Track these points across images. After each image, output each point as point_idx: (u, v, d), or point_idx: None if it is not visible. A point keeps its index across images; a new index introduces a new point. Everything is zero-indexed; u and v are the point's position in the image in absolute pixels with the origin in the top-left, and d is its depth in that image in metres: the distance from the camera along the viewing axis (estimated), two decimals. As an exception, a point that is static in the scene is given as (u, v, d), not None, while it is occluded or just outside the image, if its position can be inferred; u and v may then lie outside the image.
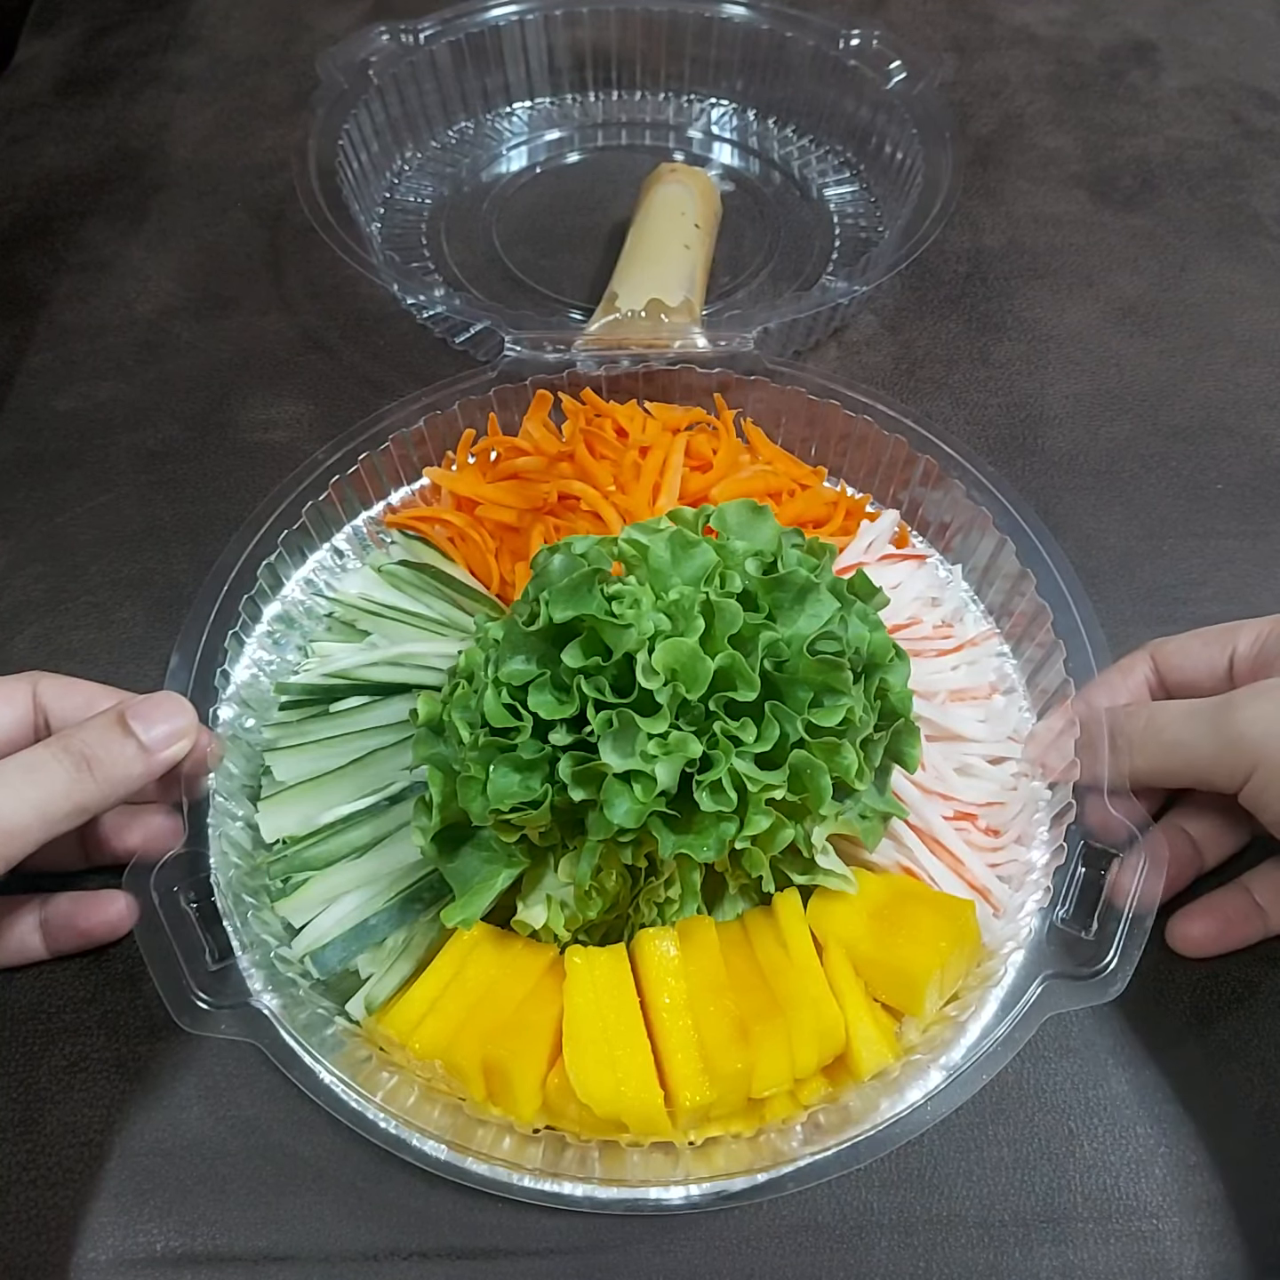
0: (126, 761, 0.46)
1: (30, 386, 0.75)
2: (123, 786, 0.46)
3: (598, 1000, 0.45)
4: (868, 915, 0.48)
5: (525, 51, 0.91)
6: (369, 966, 0.49)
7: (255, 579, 0.57)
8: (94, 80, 0.96)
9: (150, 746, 0.46)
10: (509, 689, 0.45)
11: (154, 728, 0.47)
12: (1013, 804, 0.54)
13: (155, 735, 0.47)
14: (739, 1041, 0.44)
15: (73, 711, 0.49)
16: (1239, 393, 0.76)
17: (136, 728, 0.46)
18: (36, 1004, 0.51)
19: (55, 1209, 0.47)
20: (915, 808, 0.52)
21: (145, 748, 0.46)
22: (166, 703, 0.48)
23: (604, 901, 0.47)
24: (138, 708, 0.47)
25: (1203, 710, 0.49)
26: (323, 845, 0.51)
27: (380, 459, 0.63)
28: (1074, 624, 0.56)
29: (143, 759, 0.46)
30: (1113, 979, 0.46)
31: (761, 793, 0.44)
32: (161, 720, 0.47)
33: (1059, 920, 0.48)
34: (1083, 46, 1.02)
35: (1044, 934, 0.48)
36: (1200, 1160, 0.49)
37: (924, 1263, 0.47)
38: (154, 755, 0.47)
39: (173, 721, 0.47)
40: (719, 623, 0.45)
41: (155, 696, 0.48)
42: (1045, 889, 0.50)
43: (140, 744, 0.46)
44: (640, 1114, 0.43)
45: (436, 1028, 0.45)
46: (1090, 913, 0.48)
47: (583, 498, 0.60)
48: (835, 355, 0.78)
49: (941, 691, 0.57)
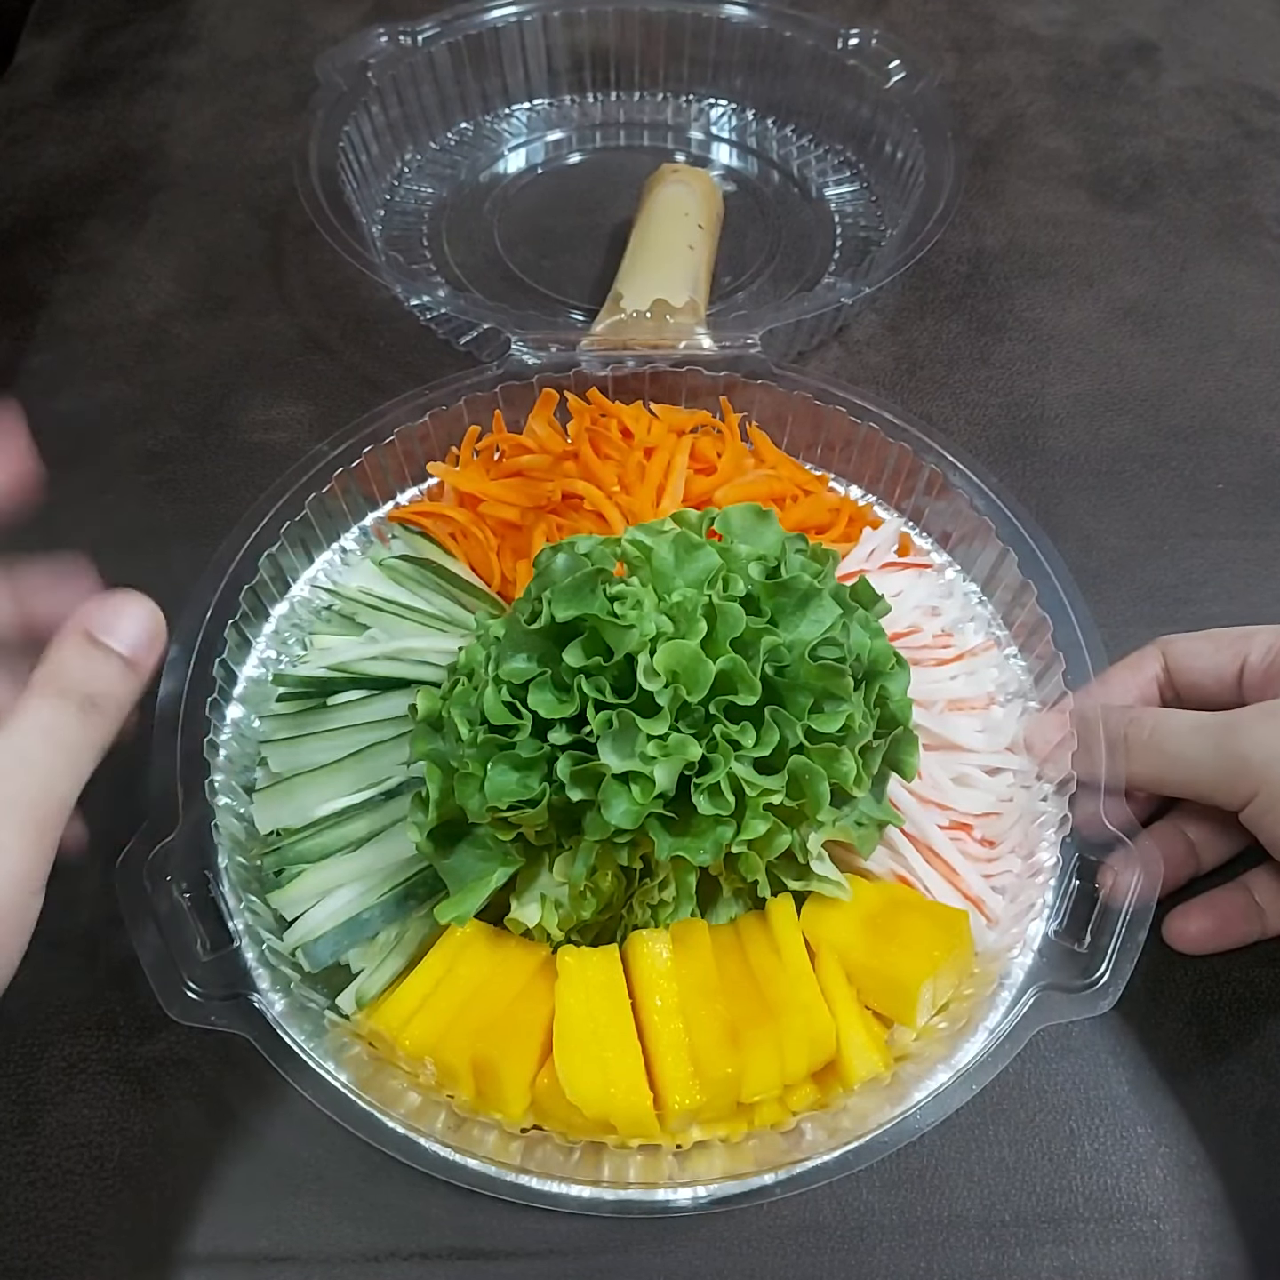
0: (119, 683, 0.43)
1: (30, 387, 0.74)
2: (124, 710, 0.43)
3: (589, 1001, 0.45)
4: (861, 923, 0.48)
5: (524, 53, 0.91)
6: (361, 961, 0.49)
7: (256, 569, 0.57)
8: (94, 81, 0.96)
9: (132, 659, 0.43)
10: (509, 687, 0.45)
11: (127, 636, 0.43)
12: (1008, 815, 0.54)
13: (132, 643, 0.43)
14: (729, 1045, 0.44)
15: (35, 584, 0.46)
16: (1239, 393, 0.76)
17: (112, 643, 0.43)
18: (36, 1004, 0.51)
19: (55, 1209, 0.47)
20: (911, 816, 0.52)
21: (129, 662, 0.43)
22: (130, 604, 0.44)
23: (598, 902, 0.47)
24: (103, 618, 0.43)
25: (1208, 727, 0.49)
26: (317, 838, 0.50)
27: (385, 456, 0.63)
28: (1074, 637, 0.55)
29: (131, 675, 0.43)
30: (1105, 992, 0.46)
31: (760, 797, 0.44)
32: (131, 625, 0.43)
33: (1052, 932, 0.48)
34: (1083, 46, 1.02)
35: (1037, 946, 0.48)
36: (1200, 1160, 0.49)
37: (925, 1263, 0.47)
38: (139, 666, 0.43)
39: (143, 623, 0.44)
40: (721, 626, 0.45)
41: (115, 599, 0.44)
42: (1039, 901, 0.50)
43: (122, 659, 0.43)
44: (629, 1116, 0.43)
45: (427, 1024, 0.45)
46: (1084, 925, 0.47)
47: (586, 497, 0.60)
48: (837, 355, 0.78)
49: (940, 701, 0.56)
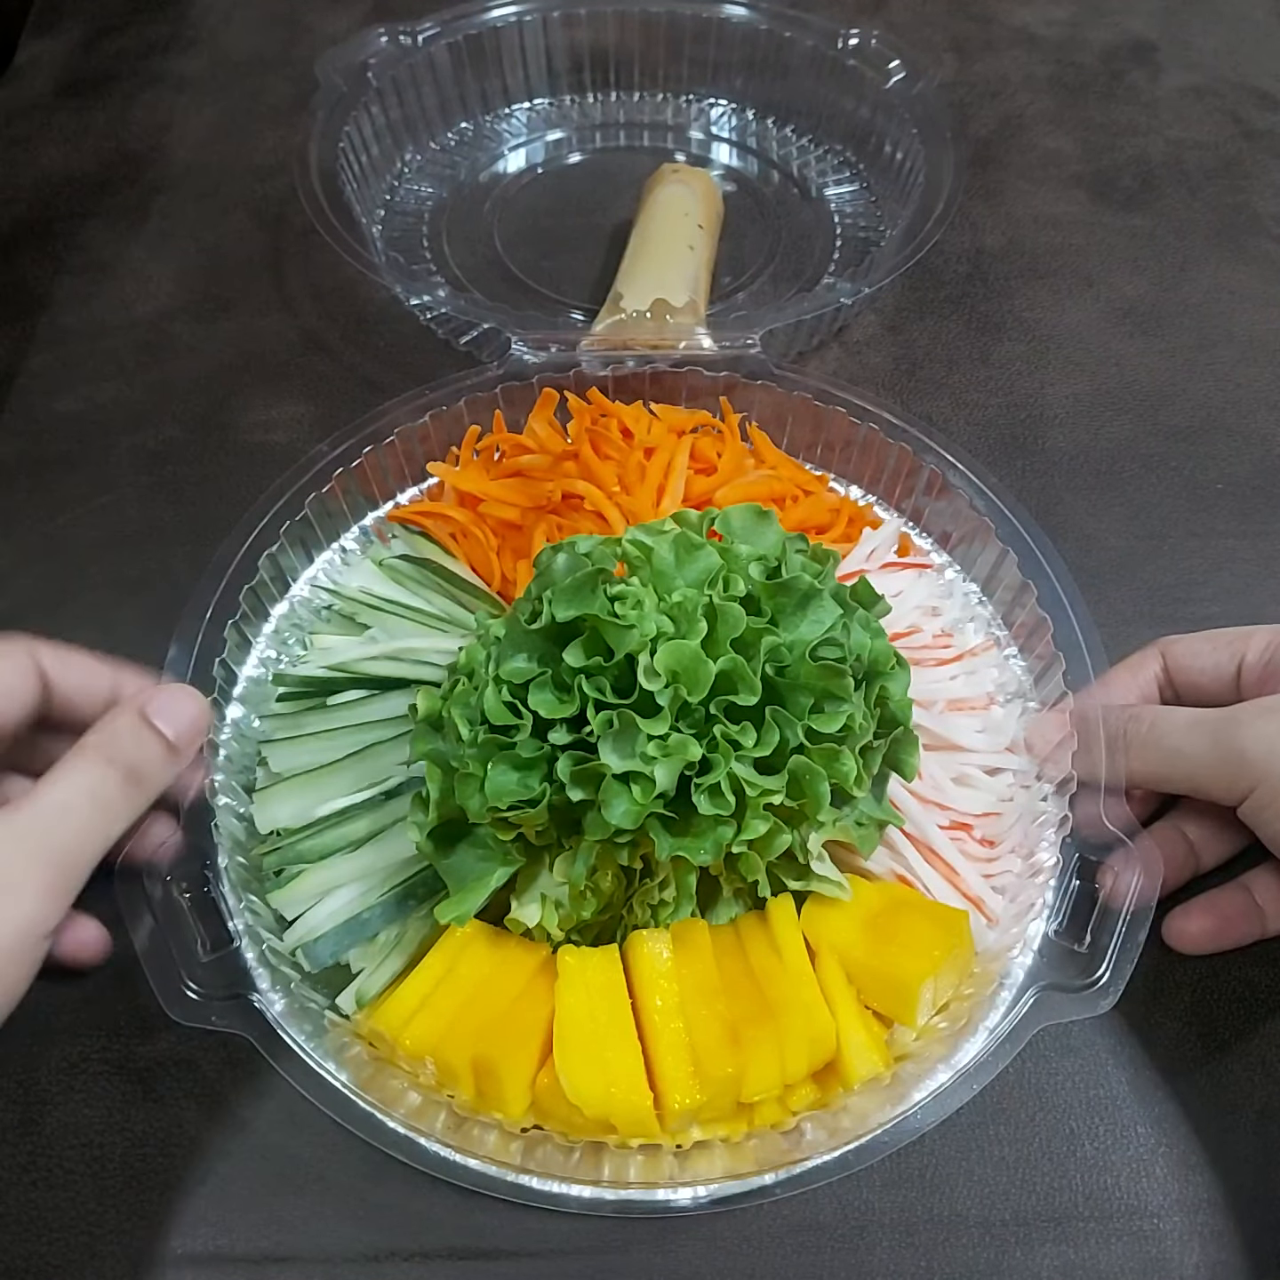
0: (161, 764, 0.45)
1: (31, 388, 0.74)
2: (159, 790, 0.45)
3: (589, 1001, 0.45)
4: (861, 923, 0.48)
5: (524, 53, 0.91)
6: (360, 961, 0.49)
7: (256, 569, 0.57)
8: (94, 82, 0.96)
9: (176, 744, 0.45)
10: (509, 687, 0.45)
11: (176, 723, 0.45)
12: (1008, 815, 0.54)
13: (178, 731, 0.45)
14: (730, 1045, 0.44)
15: (73, 686, 0.47)
16: (1239, 393, 0.76)
17: (162, 726, 0.45)
18: (35, 1004, 0.51)
19: (55, 1209, 0.47)
20: (911, 816, 0.52)
21: (173, 747, 0.45)
22: (181, 696, 0.46)
23: (598, 902, 0.47)
24: (158, 704, 0.45)
25: (1206, 722, 0.49)
26: (317, 838, 0.50)
27: (385, 456, 0.63)
28: (1074, 637, 0.55)
29: (173, 759, 0.45)
30: (1105, 992, 0.46)
31: (760, 797, 0.44)
32: (180, 714, 0.45)
33: (1052, 932, 0.48)
34: (1083, 47, 1.02)
35: (1037, 945, 0.48)
36: (1200, 1160, 0.49)
37: (925, 1262, 0.47)
38: (181, 753, 0.45)
39: (191, 715, 0.46)
40: (722, 626, 0.45)
41: (171, 689, 0.47)
42: (1039, 901, 0.50)
43: (168, 744, 0.45)
44: (629, 1116, 0.43)
45: (427, 1024, 0.45)
46: (1084, 925, 0.48)
47: (587, 497, 0.60)
48: (836, 355, 0.78)
49: (940, 701, 0.56)
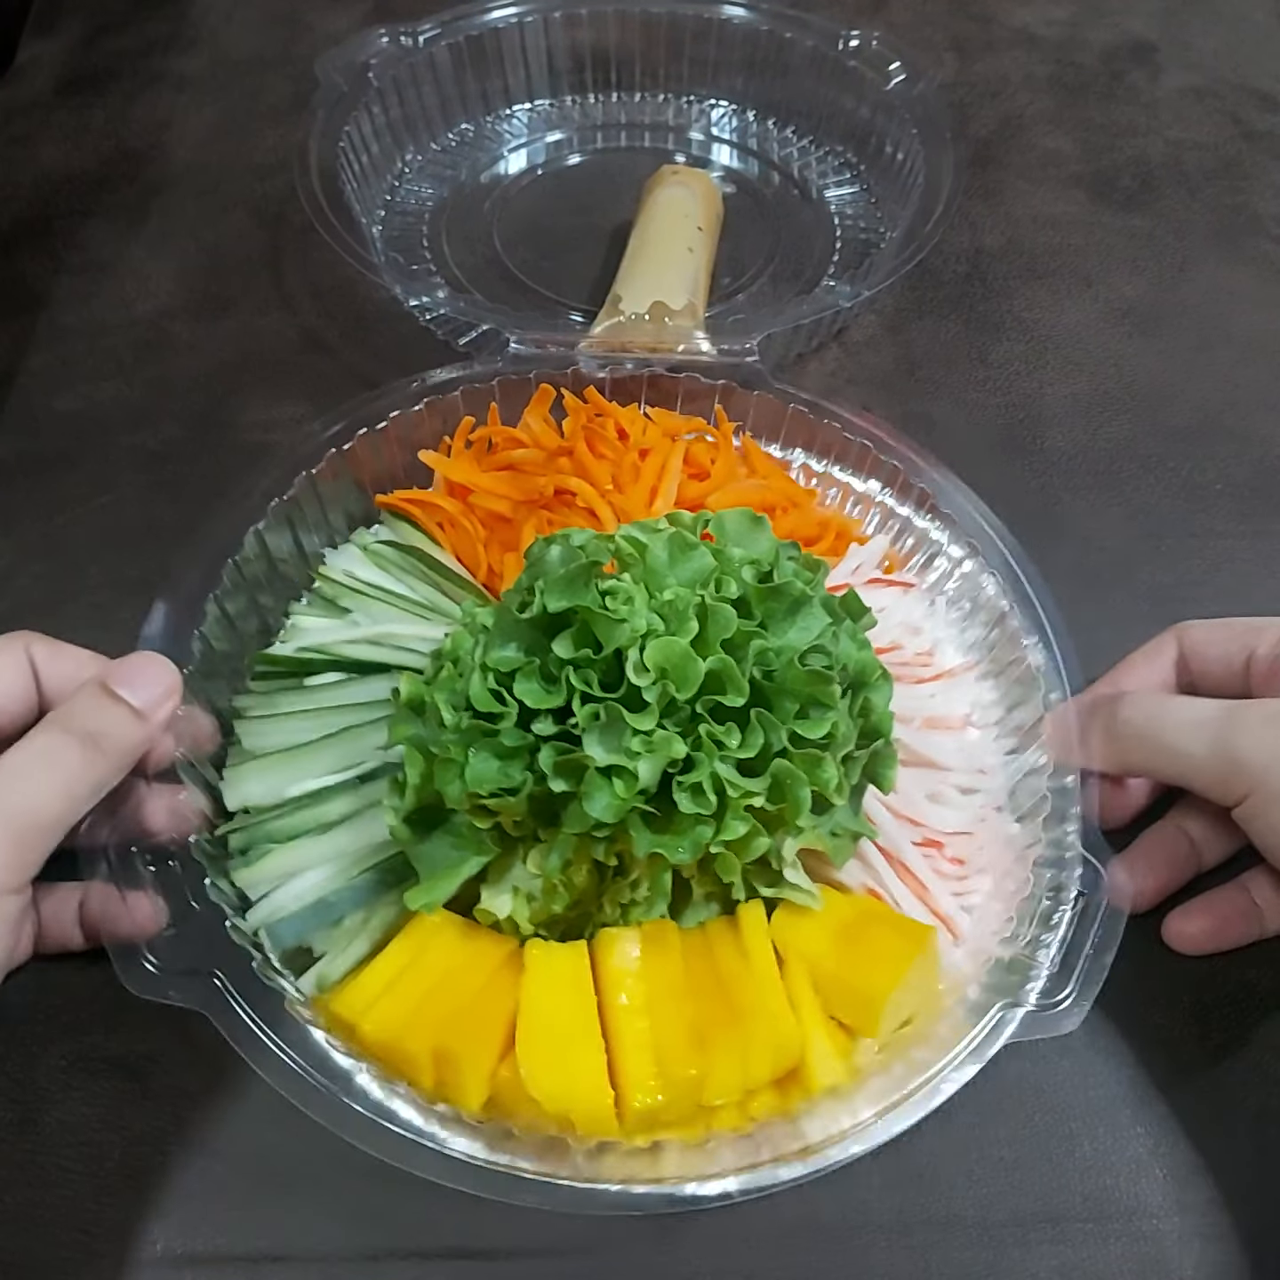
0: (126, 730, 0.45)
1: (30, 387, 0.74)
2: (129, 756, 0.46)
3: (555, 995, 0.45)
4: (830, 933, 0.48)
5: (525, 53, 0.91)
6: (324, 944, 0.49)
7: (241, 544, 0.57)
8: (94, 80, 0.96)
9: (143, 711, 0.46)
10: (496, 674, 0.45)
11: (141, 690, 0.46)
12: (980, 835, 0.54)
13: (145, 698, 0.46)
14: (694, 1047, 0.44)
15: (62, 678, 0.48)
16: (1238, 393, 0.76)
17: (124, 693, 0.46)
18: (35, 1004, 0.51)
19: (54, 1209, 0.47)
20: (885, 830, 0.52)
21: (138, 713, 0.46)
22: (146, 663, 0.47)
23: (571, 896, 0.46)
24: (119, 673, 0.46)
25: (1207, 721, 0.48)
26: (287, 818, 0.50)
27: (378, 441, 0.62)
28: (1054, 662, 0.55)
29: (139, 724, 0.46)
30: (1070, 1012, 0.46)
31: (741, 799, 0.44)
32: (147, 682, 0.46)
33: (1019, 952, 0.48)
34: (1083, 47, 1.02)
35: (1005, 964, 0.48)
36: (1200, 1160, 0.49)
37: (922, 1262, 0.47)
38: (149, 719, 0.46)
39: (158, 681, 0.47)
40: (712, 626, 0.45)
41: (132, 659, 0.47)
42: (1007, 919, 0.50)
43: (132, 709, 0.46)
44: (589, 1113, 0.43)
45: (390, 1011, 0.45)
46: (1051, 946, 0.47)
47: (579, 494, 0.60)
48: (835, 355, 0.78)
49: (917, 718, 0.56)
